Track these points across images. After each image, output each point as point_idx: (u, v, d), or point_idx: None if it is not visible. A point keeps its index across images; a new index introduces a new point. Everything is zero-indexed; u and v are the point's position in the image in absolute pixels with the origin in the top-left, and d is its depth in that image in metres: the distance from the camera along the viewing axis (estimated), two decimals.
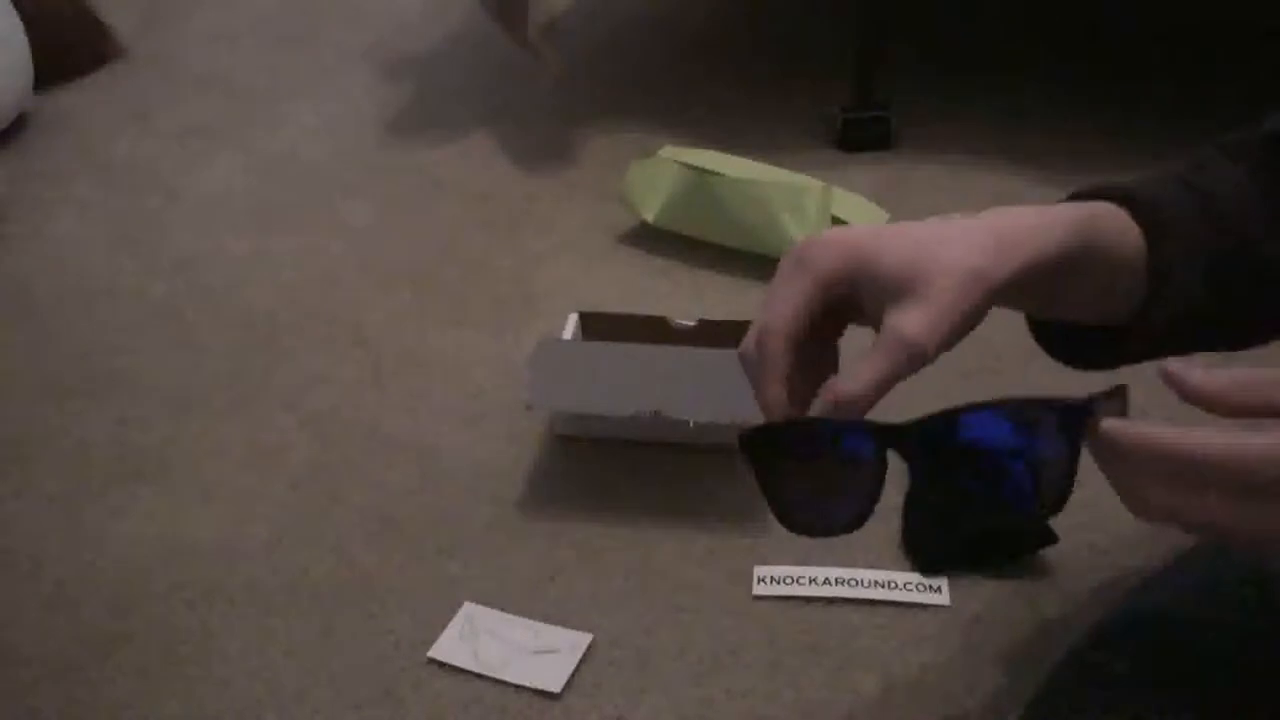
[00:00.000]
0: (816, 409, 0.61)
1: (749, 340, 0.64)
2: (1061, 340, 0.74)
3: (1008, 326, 0.75)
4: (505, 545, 1.03)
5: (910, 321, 0.60)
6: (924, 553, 0.99)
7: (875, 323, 0.62)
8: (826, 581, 0.97)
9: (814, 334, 0.63)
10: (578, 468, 1.11)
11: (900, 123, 1.62)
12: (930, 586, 0.96)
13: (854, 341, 0.67)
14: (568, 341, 1.15)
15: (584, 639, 0.93)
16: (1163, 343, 0.71)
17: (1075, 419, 0.58)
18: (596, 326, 1.19)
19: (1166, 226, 0.68)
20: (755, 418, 1.09)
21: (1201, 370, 0.58)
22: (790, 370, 0.63)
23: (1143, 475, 0.55)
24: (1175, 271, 0.67)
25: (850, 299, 0.63)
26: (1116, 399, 0.60)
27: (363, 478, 1.11)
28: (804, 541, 1.02)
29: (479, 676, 0.91)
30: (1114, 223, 0.67)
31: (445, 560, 1.02)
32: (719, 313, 1.20)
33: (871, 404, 0.60)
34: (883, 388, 0.60)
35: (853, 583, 0.97)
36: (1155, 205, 0.68)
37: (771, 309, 0.63)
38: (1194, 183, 0.72)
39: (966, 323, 0.61)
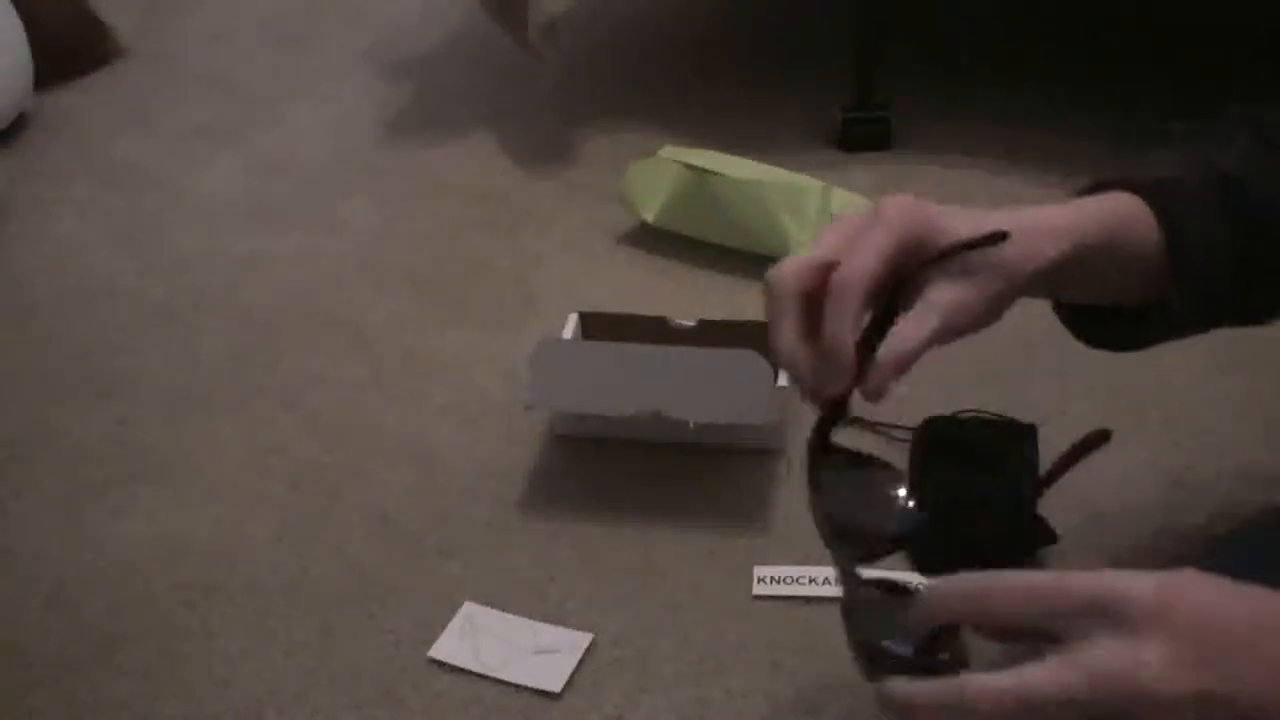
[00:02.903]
0: (879, 371, 0.63)
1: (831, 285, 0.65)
2: (1089, 323, 0.75)
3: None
4: (505, 545, 1.03)
5: (959, 294, 0.64)
6: (924, 553, 0.99)
7: (918, 290, 0.65)
8: (826, 581, 0.97)
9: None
10: (578, 468, 1.11)
11: (900, 123, 1.62)
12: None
13: None
14: (568, 341, 1.15)
15: (584, 639, 0.93)
16: (1188, 320, 0.72)
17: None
18: (596, 326, 1.19)
19: (1182, 209, 0.70)
20: (755, 418, 1.09)
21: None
22: (857, 320, 0.64)
23: None
24: (1193, 251, 0.69)
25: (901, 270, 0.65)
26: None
27: (363, 478, 1.11)
28: (804, 541, 1.03)
29: (479, 676, 0.91)
30: (1133, 210, 0.69)
31: (445, 560, 1.02)
32: (719, 313, 1.20)
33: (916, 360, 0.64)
34: (928, 346, 0.64)
35: None
36: (1169, 190, 0.70)
37: (850, 260, 0.64)
38: (1217, 162, 0.73)
39: (1003, 305, 0.66)
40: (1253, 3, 1.87)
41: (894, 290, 0.66)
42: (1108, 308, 0.73)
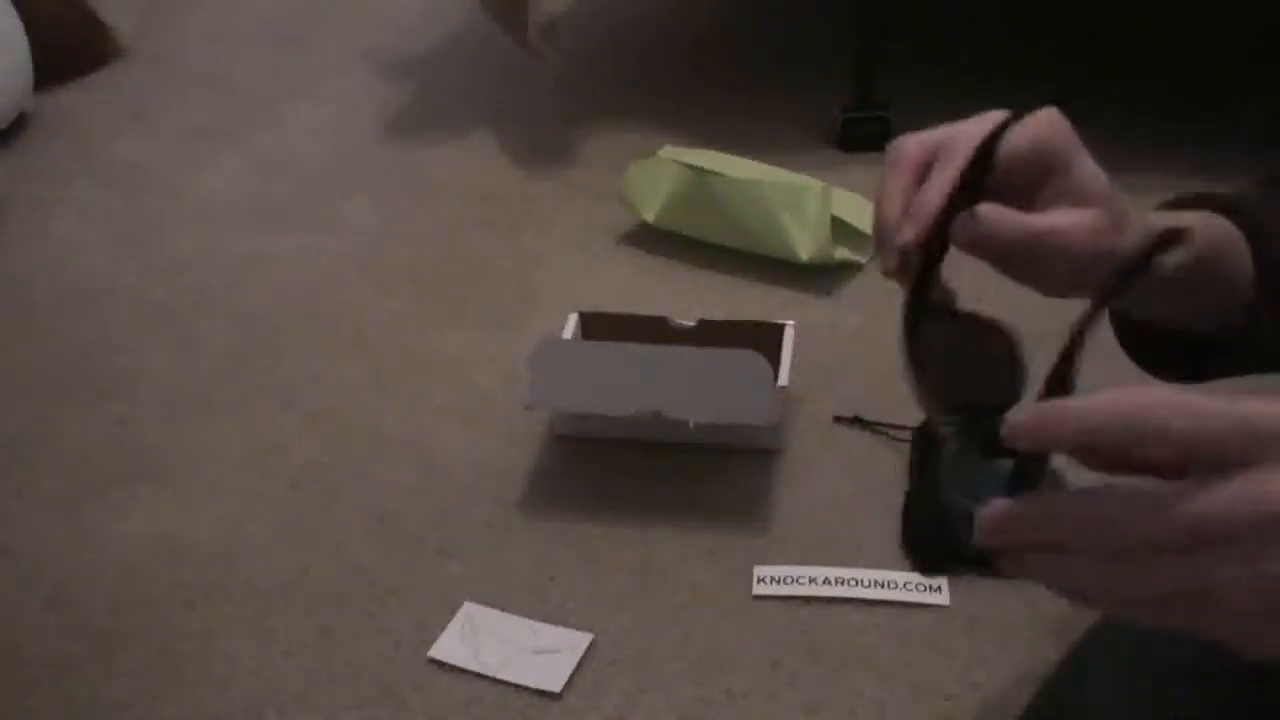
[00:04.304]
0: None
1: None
2: (1149, 350, 0.74)
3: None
4: (505, 545, 1.03)
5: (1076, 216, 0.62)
6: (923, 554, 0.99)
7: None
8: (826, 581, 0.97)
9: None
10: (578, 468, 1.11)
11: (900, 123, 1.62)
12: (930, 586, 0.96)
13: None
14: (568, 341, 1.15)
15: (584, 639, 0.93)
16: (1267, 344, 0.71)
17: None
18: (596, 326, 1.19)
19: (1263, 223, 0.68)
20: (755, 418, 1.09)
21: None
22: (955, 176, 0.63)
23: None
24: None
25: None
26: None
27: (363, 478, 1.11)
28: (804, 541, 1.03)
29: (479, 676, 0.91)
30: (1221, 225, 0.67)
31: (445, 560, 1.02)
32: (719, 313, 1.20)
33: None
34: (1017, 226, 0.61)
35: (853, 583, 0.97)
36: (1250, 206, 0.68)
37: (971, 126, 0.65)
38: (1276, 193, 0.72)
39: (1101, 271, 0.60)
40: (1253, 3, 1.87)
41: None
42: (1171, 334, 0.71)
